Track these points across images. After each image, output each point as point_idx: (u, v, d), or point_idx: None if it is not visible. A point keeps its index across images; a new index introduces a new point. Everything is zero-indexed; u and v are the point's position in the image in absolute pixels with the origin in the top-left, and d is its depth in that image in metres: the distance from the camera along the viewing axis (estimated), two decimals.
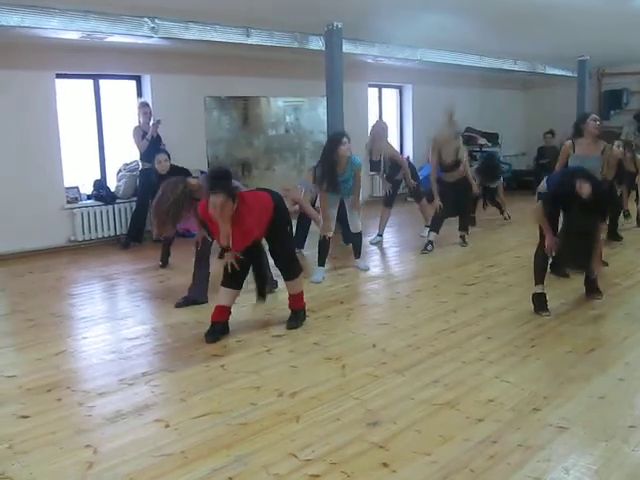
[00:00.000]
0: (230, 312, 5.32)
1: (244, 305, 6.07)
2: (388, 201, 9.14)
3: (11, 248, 8.56)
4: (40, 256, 8.65)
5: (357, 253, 7.52)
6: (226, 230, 4.92)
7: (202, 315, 5.70)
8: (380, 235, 9.19)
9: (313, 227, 8.37)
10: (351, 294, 6.61)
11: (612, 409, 3.84)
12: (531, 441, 3.43)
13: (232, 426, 3.70)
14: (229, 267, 5.10)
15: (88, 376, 4.59)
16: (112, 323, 5.86)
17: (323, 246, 7.15)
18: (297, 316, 5.54)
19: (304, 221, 8.38)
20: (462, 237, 8.85)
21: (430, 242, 8.47)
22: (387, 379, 4.34)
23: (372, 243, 9.03)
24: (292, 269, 5.48)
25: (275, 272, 5.88)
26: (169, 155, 7.93)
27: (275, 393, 4.14)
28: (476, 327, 5.39)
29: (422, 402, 3.96)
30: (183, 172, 7.04)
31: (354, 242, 7.53)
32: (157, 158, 7.80)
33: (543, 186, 6.00)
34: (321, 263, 7.15)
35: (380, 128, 8.93)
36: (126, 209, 9.64)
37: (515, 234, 9.56)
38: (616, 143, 8.30)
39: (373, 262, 8.04)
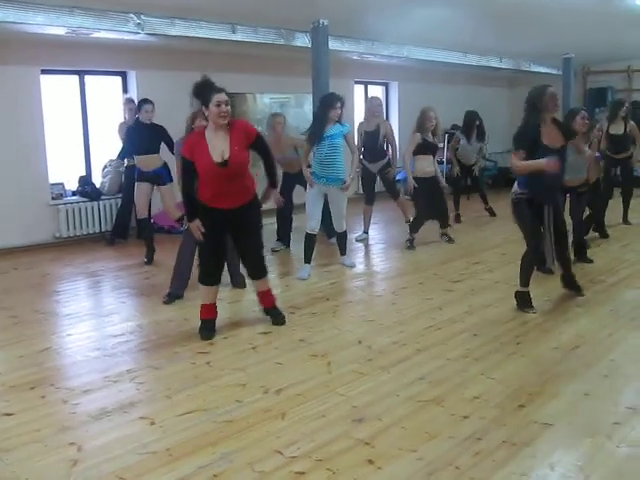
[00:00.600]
0: (216, 307, 5.31)
1: (229, 302, 6.08)
2: (369, 199, 9.06)
3: None
4: (25, 252, 8.60)
5: (342, 250, 7.50)
6: (226, 136, 4.92)
7: (187, 312, 5.69)
8: (366, 232, 9.17)
9: (296, 223, 8.40)
10: (337, 291, 6.60)
11: (597, 406, 3.85)
12: (516, 438, 3.44)
13: (217, 423, 3.70)
14: (197, 235, 5.06)
15: (72, 373, 4.57)
16: (97, 320, 5.85)
17: (309, 243, 7.13)
18: (277, 311, 5.51)
19: (286, 217, 8.35)
20: (446, 234, 8.82)
21: (409, 240, 8.49)
22: (373, 376, 4.34)
23: (358, 240, 9.02)
24: (262, 267, 5.37)
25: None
26: (154, 106, 7.90)
27: (261, 390, 4.14)
28: (462, 324, 5.41)
29: (407, 399, 3.97)
30: (161, 129, 7.65)
31: (339, 240, 7.48)
32: (144, 107, 7.75)
33: (516, 189, 5.75)
34: (307, 260, 7.14)
35: (374, 105, 8.83)
36: (111, 205, 9.59)
37: (500, 231, 9.58)
38: (597, 126, 8.29)
39: (359, 259, 8.04)
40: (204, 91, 4.92)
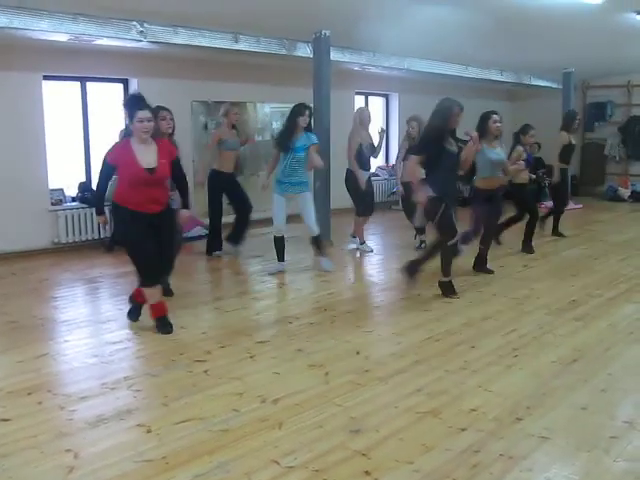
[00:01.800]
0: (165, 303, 5.57)
1: (227, 311, 6.08)
2: (358, 210, 9.04)
3: None
4: (23, 258, 8.60)
5: (321, 252, 7.73)
6: (153, 149, 5.33)
7: (184, 320, 5.69)
8: (362, 243, 9.12)
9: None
10: (335, 301, 6.59)
11: (594, 420, 3.85)
12: (513, 451, 3.44)
13: (214, 432, 3.69)
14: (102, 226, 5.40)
15: (69, 380, 4.56)
16: (95, 326, 5.84)
17: (278, 244, 7.54)
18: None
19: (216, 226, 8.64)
20: (423, 242, 8.80)
21: (422, 242, 8.75)
22: (370, 387, 4.34)
23: (360, 249, 9.01)
24: (171, 267, 5.86)
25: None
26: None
27: (258, 399, 4.13)
28: (460, 336, 5.40)
29: (405, 410, 3.97)
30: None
31: (315, 242, 7.68)
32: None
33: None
34: (280, 258, 7.58)
35: (367, 116, 8.84)
36: (110, 212, 9.55)
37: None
38: (531, 132, 8.49)
39: (357, 269, 8.04)
40: (130, 106, 5.39)
